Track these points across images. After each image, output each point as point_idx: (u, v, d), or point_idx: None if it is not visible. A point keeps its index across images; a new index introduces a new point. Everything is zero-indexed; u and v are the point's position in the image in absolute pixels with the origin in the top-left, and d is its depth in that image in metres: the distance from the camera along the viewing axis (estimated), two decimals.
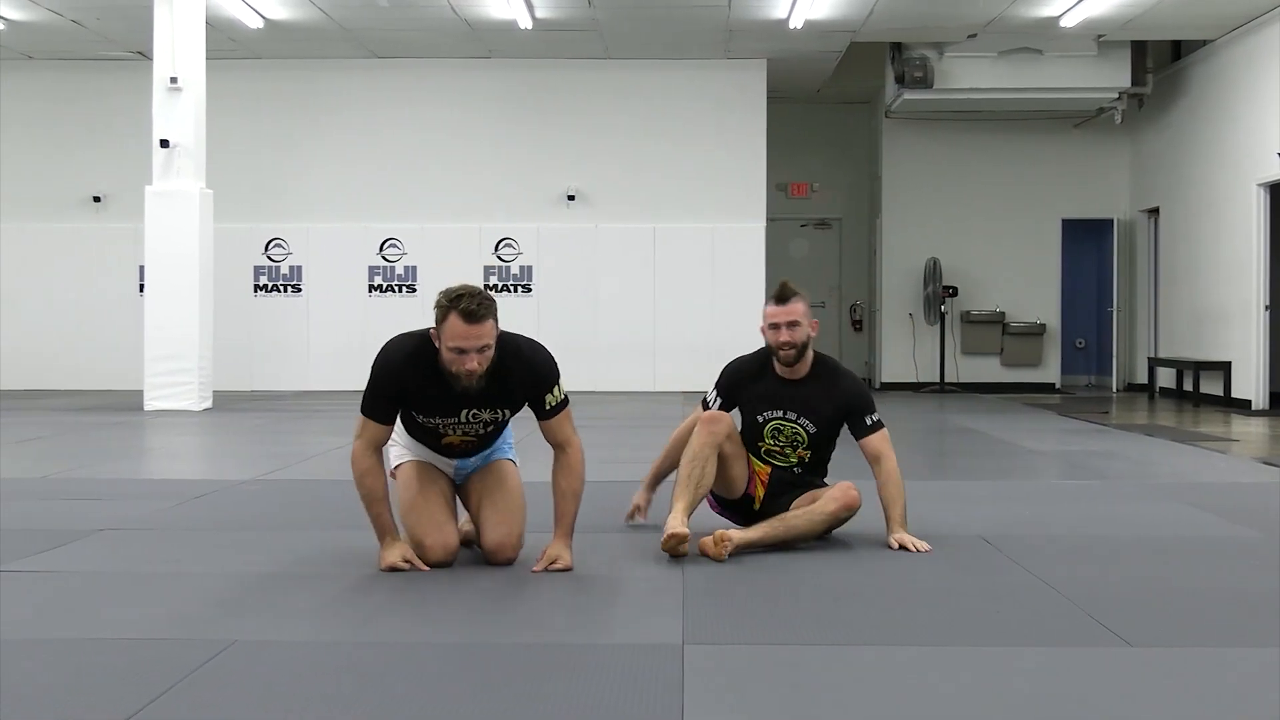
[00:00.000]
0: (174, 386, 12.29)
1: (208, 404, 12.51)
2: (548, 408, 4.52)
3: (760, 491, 5.05)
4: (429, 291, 10.25)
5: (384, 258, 15.83)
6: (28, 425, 10.68)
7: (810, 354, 5.04)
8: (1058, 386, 17.03)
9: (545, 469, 4.68)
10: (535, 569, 4.47)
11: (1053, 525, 5.61)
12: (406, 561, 4.47)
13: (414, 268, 15.75)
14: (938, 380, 16.74)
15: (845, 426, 5.07)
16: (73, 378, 15.58)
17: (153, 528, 5.42)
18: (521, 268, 15.77)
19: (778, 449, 5.04)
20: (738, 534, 4.75)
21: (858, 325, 18.26)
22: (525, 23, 13.91)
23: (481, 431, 4.61)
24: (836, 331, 18.23)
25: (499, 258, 15.74)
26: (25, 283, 15.80)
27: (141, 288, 13.22)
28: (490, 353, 4.32)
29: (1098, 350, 18.12)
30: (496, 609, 3.98)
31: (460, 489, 4.77)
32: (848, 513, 4.84)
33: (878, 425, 5.02)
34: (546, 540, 4.55)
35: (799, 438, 5.01)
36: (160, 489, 6.74)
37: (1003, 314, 16.98)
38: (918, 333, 17.09)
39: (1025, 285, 17.05)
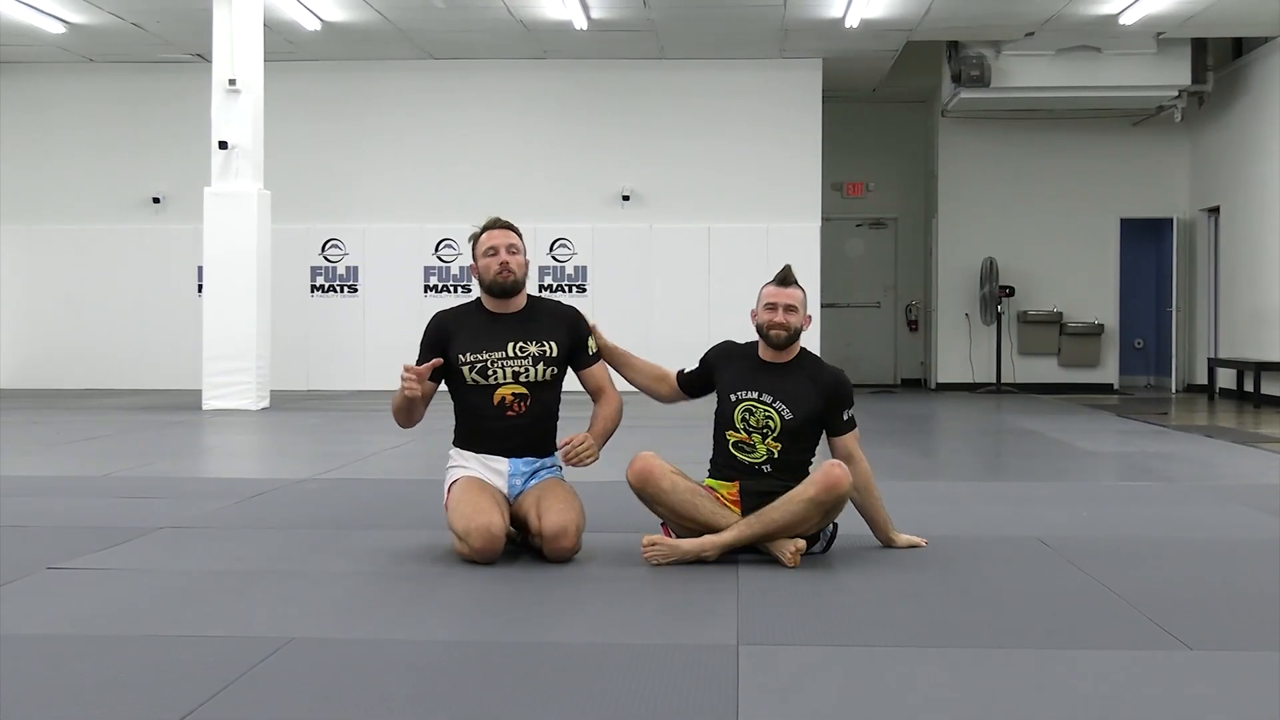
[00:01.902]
0: (232, 386, 12.40)
1: (265, 403, 12.62)
2: (590, 353, 4.89)
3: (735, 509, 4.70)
4: None
5: (439, 258, 15.90)
6: (90, 424, 10.83)
7: (798, 346, 4.90)
8: (1116, 387, 16.88)
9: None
10: (561, 443, 4.68)
11: (1111, 527, 5.55)
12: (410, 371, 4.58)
13: (468, 268, 15.77)
14: (994, 381, 16.62)
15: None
16: (133, 377, 15.78)
17: (212, 526, 5.47)
18: (576, 268, 15.81)
19: (745, 437, 4.74)
20: (711, 540, 4.50)
21: (913, 325, 18.15)
22: (581, 23, 13.94)
23: (533, 377, 4.69)
24: (892, 331, 18.16)
25: (554, 258, 15.78)
26: (86, 283, 16.01)
27: (200, 288, 13.37)
28: (520, 258, 4.82)
29: (1156, 351, 17.94)
30: (552, 608, 3.99)
31: (514, 505, 4.72)
32: (830, 495, 4.44)
33: (853, 423, 4.86)
34: (602, 540, 4.51)
35: (770, 423, 4.71)
36: (219, 488, 6.81)
37: (1060, 314, 16.83)
38: (974, 333, 16.97)
39: (1083, 285, 16.90)
